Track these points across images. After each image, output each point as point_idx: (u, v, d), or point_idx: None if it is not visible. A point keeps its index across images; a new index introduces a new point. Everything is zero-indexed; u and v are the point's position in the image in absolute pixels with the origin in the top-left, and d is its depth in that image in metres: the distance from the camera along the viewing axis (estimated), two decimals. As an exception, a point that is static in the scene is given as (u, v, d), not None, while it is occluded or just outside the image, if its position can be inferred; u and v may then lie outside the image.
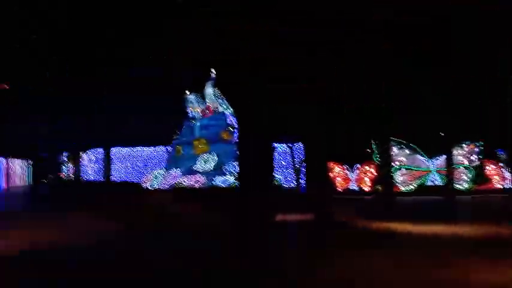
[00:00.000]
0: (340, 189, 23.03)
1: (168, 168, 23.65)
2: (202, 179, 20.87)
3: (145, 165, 35.61)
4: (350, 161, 23.93)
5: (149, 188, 22.26)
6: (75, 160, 37.51)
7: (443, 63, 17.34)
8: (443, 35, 16.29)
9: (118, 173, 36.88)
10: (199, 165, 21.74)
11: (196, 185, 20.59)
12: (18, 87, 21.84)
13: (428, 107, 20.25)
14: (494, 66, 16.84)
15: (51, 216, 15.16)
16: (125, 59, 18.37)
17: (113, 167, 36.01)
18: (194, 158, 22.54)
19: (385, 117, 19.06)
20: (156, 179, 23.01)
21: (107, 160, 33.17)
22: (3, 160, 43.84)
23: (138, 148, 36.64)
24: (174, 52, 19.39)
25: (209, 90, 24.23)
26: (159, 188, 22.19)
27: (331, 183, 21.66)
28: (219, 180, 20.66)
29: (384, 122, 19.22)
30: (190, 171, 21.79)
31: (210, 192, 19.59)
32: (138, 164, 36.61)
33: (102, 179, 35.58)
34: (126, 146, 36.79)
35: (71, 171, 41.11)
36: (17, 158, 47.40)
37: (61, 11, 13.49)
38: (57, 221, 13.56)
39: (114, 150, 36.22)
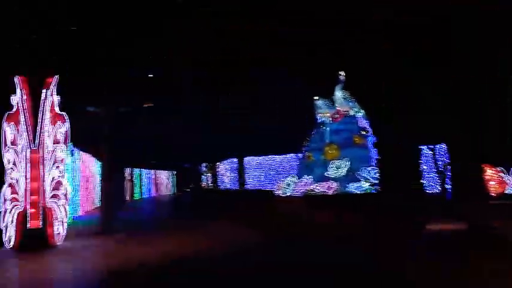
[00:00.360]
0: (494, 194, 20.73)
1: (299, 175, 22.51)
2: (335, 185, 19.67)
3: (277, 173, 35.97)
4: (506, 162, 21.56)
5: (281, 195, 21.44)
6: (213, 170, 39.33)
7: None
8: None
9: (252, 181, 37.88)
10: (331, 172, 20.63)
11: (329, 192, 19.50)
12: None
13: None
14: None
15: (194, 223, 15.09)
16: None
17: (246, 175, 37.38)
18: (326, 164, 21.33)
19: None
20: (288, 186, 21.80)
21: (241, 169, 33.91)
22: (152, 171, 47.49)
23: (270, 156, 37.17)
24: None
25: (338, 93, 23.05)
26: (291, 195, 21.10)
27: (483, 187, 19.22)
28: (353, 187, 19.35)
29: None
30: (323, 178, 20.76)
31: (344, 199, 18.33)
32: (270, 172, 37.17)
33: (237, 187, 37.56)
34: (258, 155, 37.64)
35: (210, 180, 43.41)
36: (163, 169, 51.71)
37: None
38: (199, 229, 13.54)
39: (247, 159, 37.60)
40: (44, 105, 11.21)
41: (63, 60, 13.53)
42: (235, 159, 39.98)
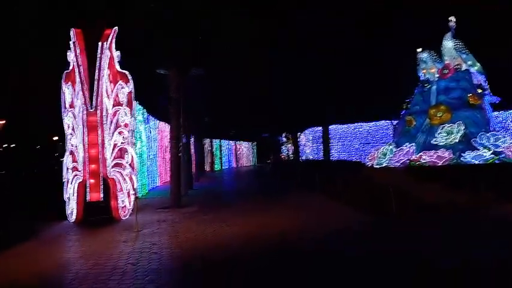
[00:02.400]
0: None
1: (398, 143, 19.26)
2: (446, 154, 16.36)
3: (365, 142, 33.76)
4: None
5: (375, 166, 19.02)
6: (294, 140, 37.11)
7: None
8: None
9: (336, 152, 35.68)
10: (440, 138, 17.33)
11: (440, 162, 16.35)
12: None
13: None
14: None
15: (279, 198, 13.74)
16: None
17: (330, 145, 35.06)
18: (432, 130, 18.00)
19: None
20: (384, 156, 18.84)
21: (326, 139, 32.24)
22: (232, 142, 48.53)
23: (357, 124, 34.40)
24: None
25: (448, 43, 18.88)
26: (387, 166, 18.21)
27: None
28: (469, 156, 15.97)
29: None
30: (429, 146, 17.51)
31: (459, 171, 14.80)
32: (356, 141, 34.66)
33: (320, 158, 35.22)
34: (343, 123, 34.88)
35: (290, 151, 41.37)
36: (244, 140, 52.34)
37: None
38: (287, 202, 12.35)
39: (331, 128, 35.05)
40: (100, 60, 9.76)
41: (127, 15, 11.99)
42: (318, 128, 36.86)
